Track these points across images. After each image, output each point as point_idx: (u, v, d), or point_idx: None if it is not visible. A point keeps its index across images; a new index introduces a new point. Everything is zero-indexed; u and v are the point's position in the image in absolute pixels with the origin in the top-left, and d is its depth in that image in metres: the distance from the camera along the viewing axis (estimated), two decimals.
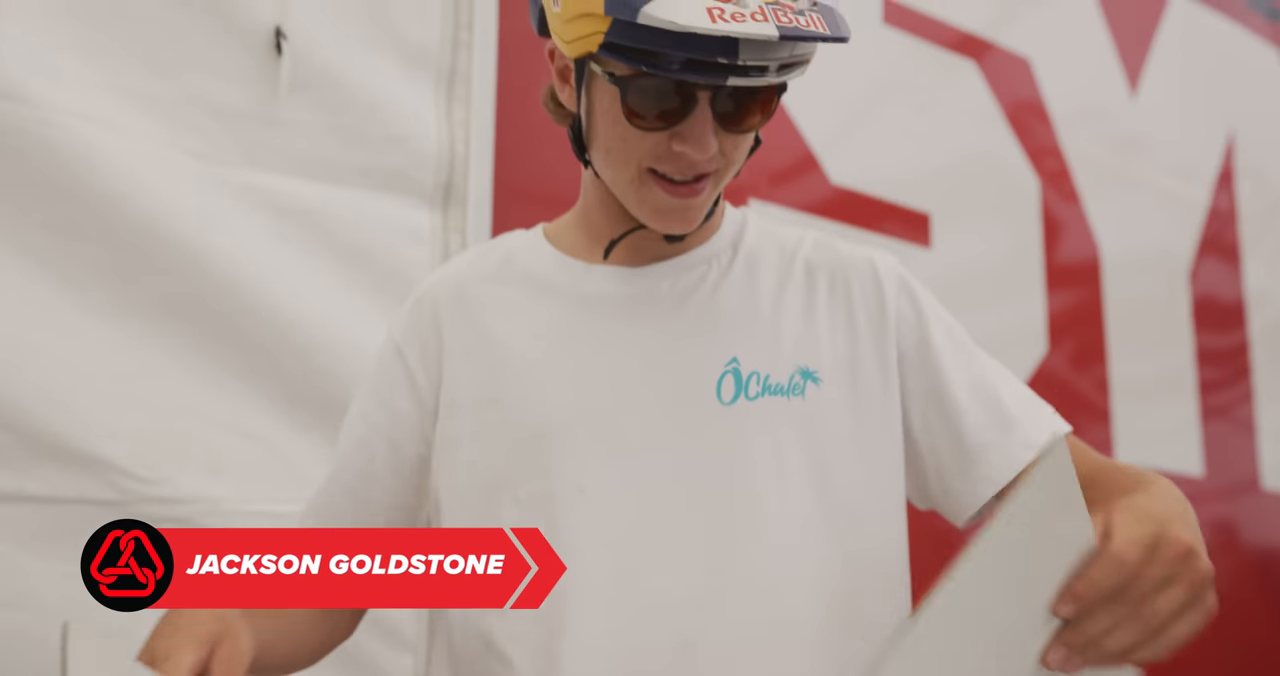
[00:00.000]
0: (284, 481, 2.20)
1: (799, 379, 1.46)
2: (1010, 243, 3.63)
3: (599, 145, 1.43)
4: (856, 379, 1.49)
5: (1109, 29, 4.02)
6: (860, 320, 1.51)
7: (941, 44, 3.50)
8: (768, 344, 1.47)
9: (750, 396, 1.44)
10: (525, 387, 1.48)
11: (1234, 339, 4.27)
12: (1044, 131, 3.76)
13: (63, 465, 2.00)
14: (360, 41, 2.39)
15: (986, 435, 1.49)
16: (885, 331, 1.51)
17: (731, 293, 1.51)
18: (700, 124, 1.36)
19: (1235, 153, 4.40)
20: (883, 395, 1.50)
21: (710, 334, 1.48)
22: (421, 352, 1.54)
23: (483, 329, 1.52)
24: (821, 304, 1.51)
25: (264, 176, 2.26)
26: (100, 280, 2.07)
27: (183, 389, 2.14)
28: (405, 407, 1.55)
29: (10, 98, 1.99)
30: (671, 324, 1.49)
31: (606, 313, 1.50)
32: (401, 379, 1.55)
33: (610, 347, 1.48)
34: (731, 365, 1.46)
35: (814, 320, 1.50)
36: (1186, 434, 4.03)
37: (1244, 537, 4.17)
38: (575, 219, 1.58)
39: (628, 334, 1.49)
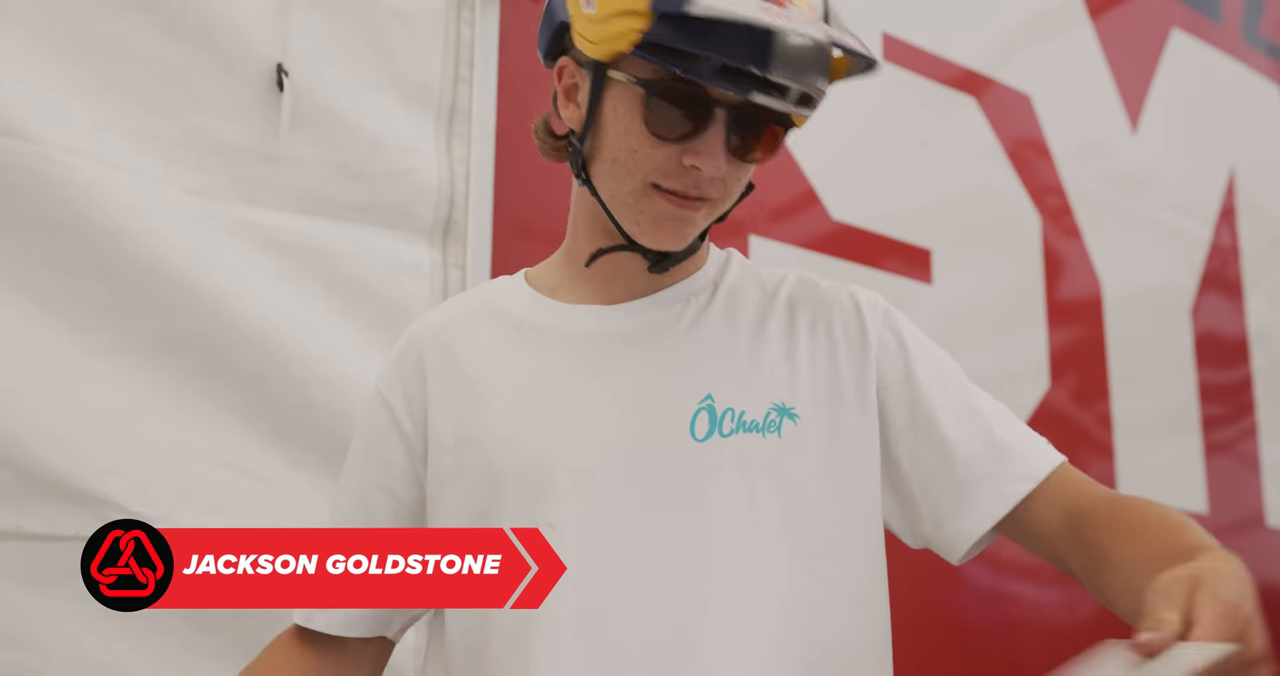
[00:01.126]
0: (282, 518, 2.19)
1: (775, 416, 1.46)
2: (1012, 278, 3.64)
3: (605, 156, 1.44)
4: (836, 416, 1.49)
5: (1109, 65, 4.04)
6: (841, 354, 1.51)
7: (942, 80, 3.52)
8: (744, 380, 1.48)
9: (724, 433, 1.44)
10: (502, 426, 1.49)
11: (1237, 375, 4.27)
12: (1045, 168, 3.77)
13: (61, 502, 2.00)
14: (361, 78, 2.40)
15: (981, 466, 1.48)
16: (866, 364, 1.51)
17: (710, 328, 1.52)
18: (714, 140, 1.37)
19: (1237, 189, 4.41)
20: (862, 431, 1.50)
21: (685, 369, 1.48)
22: (406, 401, 1.56)
23: (462, 371, 1.54)
24: (803, 340, 1.51)
25: (263, 213, 2.26)
26: (99, 317, 2.07)
27: (181, 425, 2.14)
28: (396, 456, 1.58)
29: (11, 135, 1.99)
30: (647, 359, 1.50)
31: (582, 350, 1.51)
32: (389, 429, 1.57)
33: (585, 385, 1.49)
34: (706, 402, 1.46)
35: (794, 357, 1.50)
36: (1190, 470, 4.02)
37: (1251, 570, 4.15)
38: (558, 258, 1.60)
39: (602, 371, 1.50)
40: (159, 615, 2.06)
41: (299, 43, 2.31)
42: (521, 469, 1.46)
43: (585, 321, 1.52)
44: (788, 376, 1.49)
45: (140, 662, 2.04)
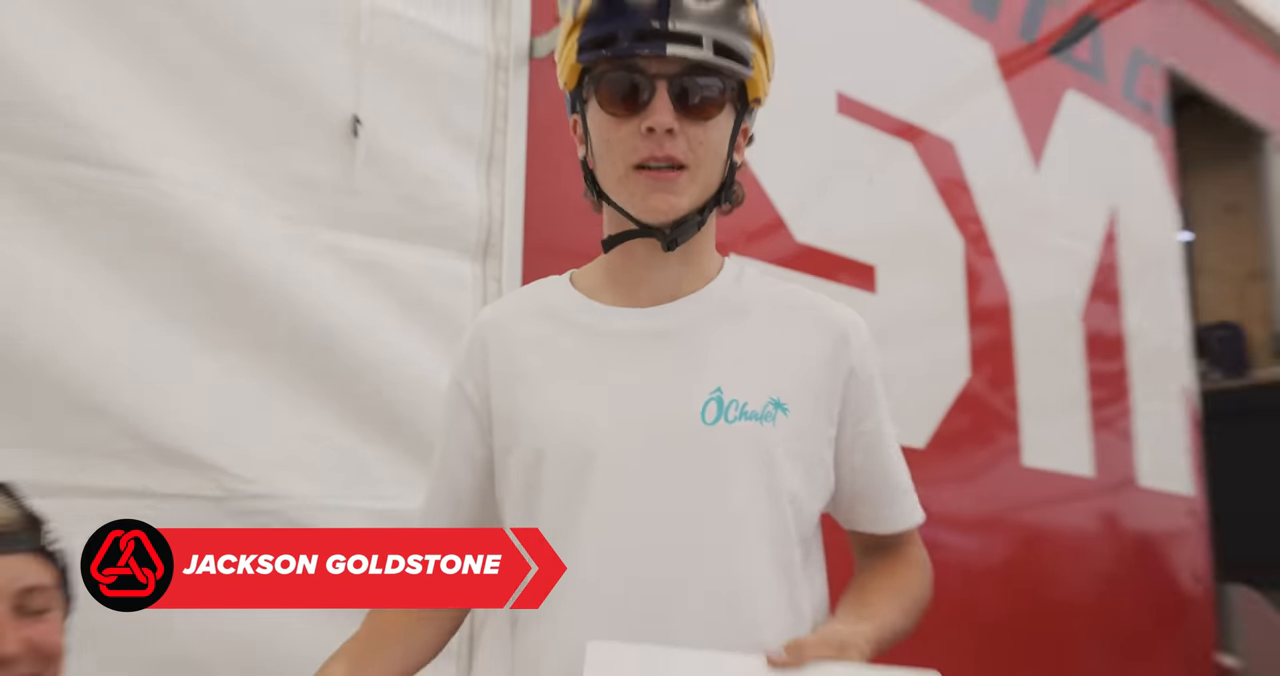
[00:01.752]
0: (355, 482, 2.21)
1: (771, 408, 1.46)
2: (939, 289, 3.64)
3: (598, 161, 1.45)
4: (810, 415, 1.49)
5: (1017, 119, 4.05)
6: (823, 368, 1.50)
7: (885, 130, 3.52)
8: (749, 377, 1.47)
9: (730, 420, 1.44)
10: (545, 406, 1.49)
11: (1116, 366, 4.28)
12: (966, 201, 3.78)
13: (178, 468, 2.00)
14: (419, 128, 2.40)
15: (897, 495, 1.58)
16: (836, 382, 1.51)
17: (722, 331, 1.50)
18: (661, 105, 1.38)
19: (1118, 219, 4.42)
20: (824, 429, 1.51)
21: (699, 366, 1.47)
22: (474, 384, 1.55)
23: (517, 359, 1.53)
24: (795, 348, 1.50)
25: (340, 236, 2.26)
26: (210, 323, 2.07)
27: (274, 407, 2.14)
28: (469, 427, 1.56)
29: (138, 172, 2.00)
30: (668, 356, 1.49)
31: (616, 345, 1.50)
32: (464, 406, 1.56)
33: (615, 374, 1.48)
34: (716, 393, 1.45)
35: (788, 360, 1.50)
36: (1080, 442, 4.04)
37: (1124, 525, 4.18)
38: (596, 265, 1.58)
39: (631, 363, 1.48)
40: None
41: (370, 99, 2.31)
42: (563, 442, 1.46)
43: (619, 322, 1.51)
44: (782, 376, 1.48)
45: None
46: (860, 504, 1.58)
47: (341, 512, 2.17)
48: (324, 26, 2.28)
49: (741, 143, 1.48)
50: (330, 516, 2.15)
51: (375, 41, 2.34)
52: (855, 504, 1.58)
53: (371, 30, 2.34)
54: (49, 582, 1.43)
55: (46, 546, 1.45)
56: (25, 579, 1.40)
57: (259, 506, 2.08)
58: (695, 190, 1.44)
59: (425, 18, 2.44)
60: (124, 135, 2.00)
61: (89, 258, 1.96)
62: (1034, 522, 3.82)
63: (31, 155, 1.91)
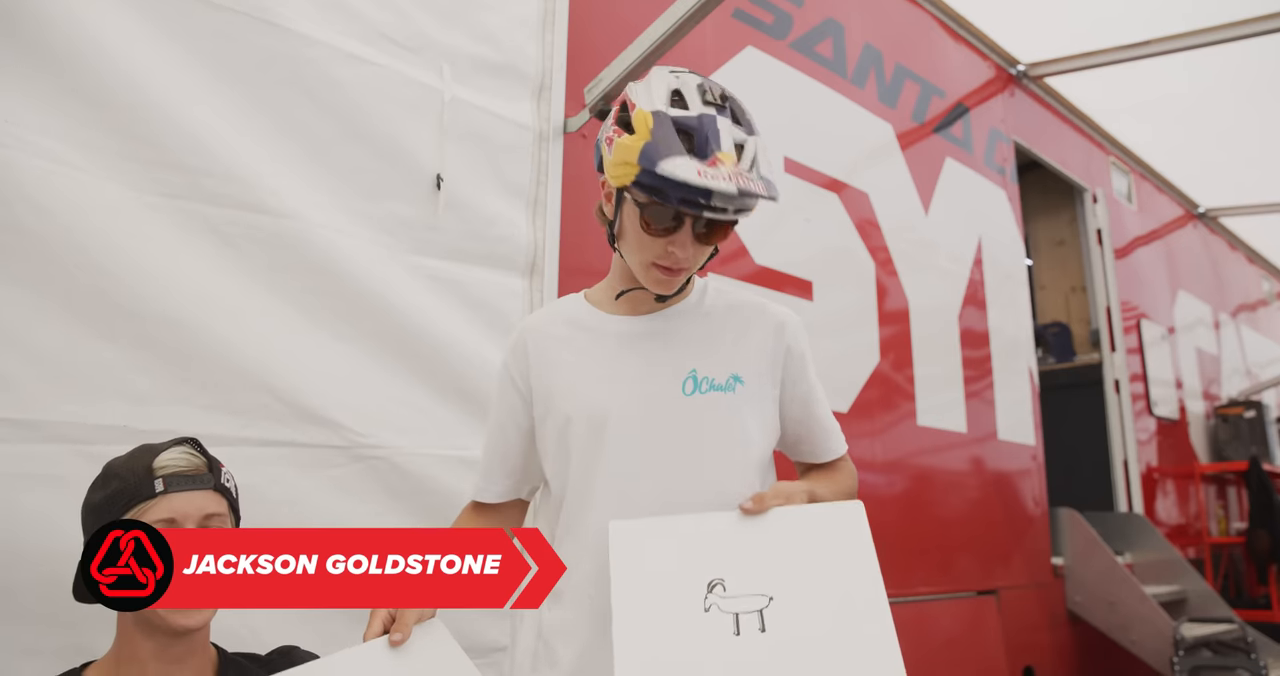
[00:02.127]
0: (434, 436, 2.19)
1: (732, 381, 1.47)
2: (858, 298, 3.62)
3: (625, 239, 1.44)
4: (760, 383, 1.50)
5: (911, 177, 4.03)
6: (768, 349, 1.52)
7: (818, 184, 3.50)
8: (715, 360, 1.48)
9: (703, 391, 1.46)
10: (570, 385, 1.49)
11: (982, 354, 4.26)
12: (877, 235, 3.75)
13: (312, 424, 1.99)
14: (484, 182, 2.38)
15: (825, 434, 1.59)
16: (778, 358, 1.52)
17: (695, 330, 1.51)
18: (684, 237, 1.38)
19: (983, 248, 4.40)
20: (770, 392, 1.52)
21: (679, 355, 1.49)
22: (519, 370, 1.55)
23: (548, 352, 1.53)
24: (749, 337, 1.52)
25: (426, 260, 2.25)
26: (338, 321, 2.06)
27: (381, 381, 2.12)
28: (515, 402, 1.55)
29: (287, 216, 1.99)
30: (656, 349, 1.50)
31: (617, 342, 1.51)
32: (511, 388, 1.56)
33: (619, 362, 1.49)
34: (692, 373, 1.47)
35: (743, 345, 1.51)
36: (957, 408, 4.02)
37: (987, 466, 4.17)
38: (604, 284, 1.58)
39: (629, 355, 1.50)
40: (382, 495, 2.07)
41: (448, 162, 2.30)
42: (583, 410, 1.47)
43: (620, 326, 1.52)
44: (740, 358, 1.50)
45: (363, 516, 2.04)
46: (801, 442, 1.60)
47: (426, 457, 2.15)
48: (417, 111, 2.27)
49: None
50: (419, 460, 2.14)
51: (453, 121, 2.32)
52: (798, 443, 1.60)
53: (451, 113, 2.32)
54: (224, 511, 1.42)
55: (223, 483, 1.43)
56: (208, 508, 1.39)
57: (371, 453, 2.07)
58: (688, 277, 1.47)
59: (488, 103, 2.42)
60: (278, 190, 1.99)
61: (254, 277, 1.95)
62: (924, 465, 3.81)
63: (215, 205, 1.90)
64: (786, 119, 3.42)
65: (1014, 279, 4.62)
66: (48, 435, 1.65)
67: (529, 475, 1.59)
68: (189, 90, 1.88)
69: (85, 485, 1.41)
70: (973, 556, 3.98)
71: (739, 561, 1.28)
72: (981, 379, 4.22)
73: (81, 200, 1.72)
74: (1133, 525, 5.10)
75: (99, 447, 1.63)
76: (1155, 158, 6.27)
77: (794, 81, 3.49)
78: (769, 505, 1.33)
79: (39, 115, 1.70)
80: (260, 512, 1.62)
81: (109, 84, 1.77)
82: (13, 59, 1.68)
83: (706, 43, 3.07)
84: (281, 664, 1.45)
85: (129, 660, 1.35)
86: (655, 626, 1.23)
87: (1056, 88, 5.28)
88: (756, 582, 1.26)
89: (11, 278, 1.65)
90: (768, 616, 1.23)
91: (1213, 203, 7.09)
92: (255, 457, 1.84)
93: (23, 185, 1.66)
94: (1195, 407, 6.39)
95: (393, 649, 1.24)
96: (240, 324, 1.90)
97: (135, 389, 1.76)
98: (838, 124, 3.69)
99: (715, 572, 1.27)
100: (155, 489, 1.34)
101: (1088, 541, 4.55)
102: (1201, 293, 6.87)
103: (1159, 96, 5.25)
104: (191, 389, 1.83)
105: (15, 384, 1.63)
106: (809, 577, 1.26)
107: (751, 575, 1.27)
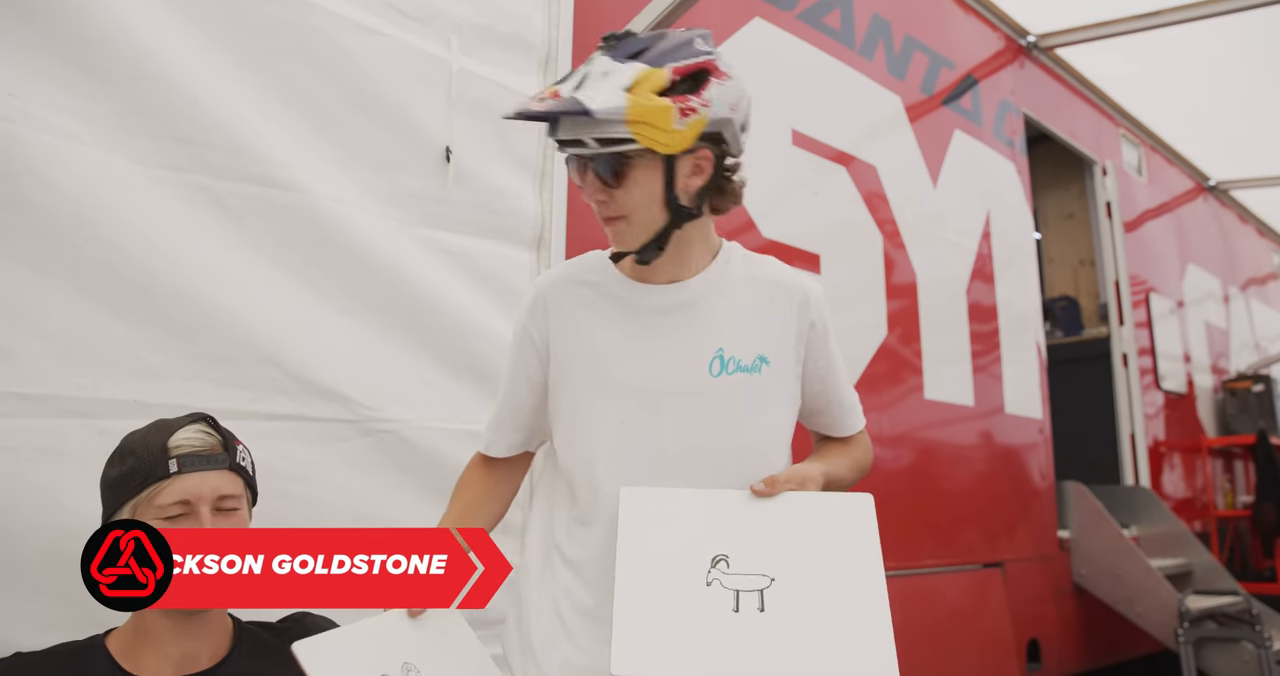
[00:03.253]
0: (443, 409, 2.19)
1: (758, 362, 1.45)
2: (866, 271, 3.60)
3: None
4: (784, 361, 1.48)
5: (920, 150, 4.00)
6: (792, 325, 1.49)
7: (826, 157, 3.47)
8: (742, 339, 1.45)
9: (730, 372, 1.43)
10: (588, 351, 1.47)
11: (990, 328, 4.25)
12: (885, 208, 3.73)
13: (320, 398, 1.99)
14: (492, 154, 2.36)
15: (844, 410, 1.58)
16: (802, 333, 1.50)
17: (722, 305, 1.47)
18: (590, 183, 1.37)
19: (991, 221, 4.38)
20: (794, 369, 1.50)
21: (707, 331, 1.45)
22: (536, 327, 1.52)
23: (568, 313, 1.51)
24: (774, 313, 1.49)
25: (436, 233, 2.23)
26: (345, 294, 2.05)
27: (389, 354, 2.12)
28: (531, 358, 1.53)
29: (294, 189, 1.98)
30: (683, 324, 1.46)
31: (644, 315, 1.48)
32: (529, 344, 1.53)
33: (642, 338, 1.46)
34: (719, 352, 1.44)
35: (769, 322, 1.48)
36: (964, 382, 4.02)
37: (994, 440, 4.17)
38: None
39: (654, 330, 1.46)
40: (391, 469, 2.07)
41: (457, 135, 2.28)
42: (601, 384, 1.45)
43: (645, 297, 1.48)
44: (766, 336, 1.47)
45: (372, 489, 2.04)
46: (818, 416, 1.58)
47: (435, 431, 2.15)
48: (426, 84, 2.25)
49: (692, 182, 1.39)
50: (428, 433, 2.14)
51: (462, 94, 2.31)
52: (816, 416, 1.59)
53: (459, 86, 2.30)
54: (239, 491, 1.42)
55: (238, 462, 1.43)
56: (223, 489, 1.39)
57: (380, 427, 2.07)
58: (636, 231, 1.40)
59: (495, 75, 2.40)
60: (285, 163, 1.97)
61: (261, 251, 1.94)
62: (931, 439, 3.81)
63: (220, 178, 1.89)
64: (794, 91, 3.39)
65: (1022, 252, 4.59)
66: (58, 410, 1.65)
67: (538, 431, 1.58)
68: (194, 62, 1.86)
69: (96, 459, 1.41)
70: (979, 529, 3.99)
71: (745, 540, 1.28)
72: (989, 352, 4.21)
73: (88, 175, 1.71)
74: (1139, 498, 5.10)
75: (109, 422, 1.64)
76: (1166, 130, 6.21)
77: (801, 53, 3.45)
78: (781, 489, 1.33)
79: (44, 89, 1.68)
80: (270, 487, 1.61)
81: (114, 57, 1.75)
82: (17, 33, 1.66)
83: (713, 14, 3.04)
84: (296, 631, 1.45)
85: (145, 633, 1.36)
86: (656, 594, 1.25)
87: (1067, 59, 5.22)
88: (760, 563, 1.27)
89: (19, 253, 1.64)
90: (768, 597, 1.24)
91: (1224, 175, 7.03)
92: (265, 432, 1.84)
93: (30, 160, 1.64)
94: (1203, 381, 6.38)
95: (410, 620, 1.27)
96: (248, 298, 1.90)
97: (145, 363, 1.75)
98: (846, 96, 3.66)
99: (721, 548, 1.28)
100: (169, 469, 1.34)
101: (1094, 514, 4.56)
102: (1211, 266, 6.84)
103: (1171, 67, 5.19)
104: (201, 363, 1.82)
105: (24, 358, 1.63)
106: (813, 564, 1.27)
107: (756, 555, 1.27)
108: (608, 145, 1.30)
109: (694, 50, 1.35)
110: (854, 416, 1.60)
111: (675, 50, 1.33)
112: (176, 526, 1.33)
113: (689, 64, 1.33)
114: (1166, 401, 5.75)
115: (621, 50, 1.33)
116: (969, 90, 4.39)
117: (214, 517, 1.36)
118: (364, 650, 1.22)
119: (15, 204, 1.63)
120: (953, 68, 4.29)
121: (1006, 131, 4.64)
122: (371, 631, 1.25)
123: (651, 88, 1.29)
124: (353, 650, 1.23)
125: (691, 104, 1.31)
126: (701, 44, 1.37)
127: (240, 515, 1.42)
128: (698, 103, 1.32)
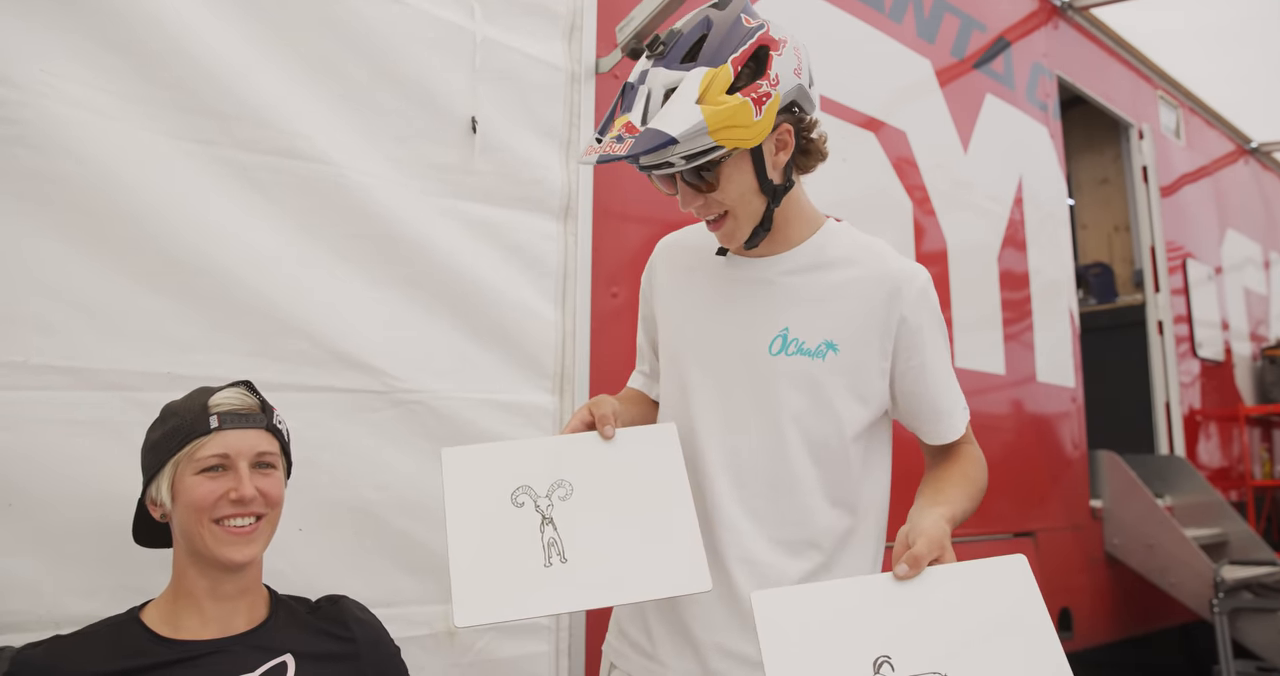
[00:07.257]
0: (472, 380, 2.20)
1: (824, 347, 1.41)
2: (895, 239, 3.56)
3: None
4: (860, 351, 1.43)
5: (950, 115, 3.95)
6: (879, 316, 1.43)
7: (855, 122, 3.45)
8: (812, 322, 1.43)
9: (789, 353, 1.42)
10: (673, 314, 1.55)
11: (1022, 295, 4.21)
12: (914, 174, 3.70)
13: (349, 369, 2.00)
14: (518, 124, 2.36)
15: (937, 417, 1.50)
16: (890, 326, 1.43)
17: (804, 285, 1.45)
18: (684, 192, 1.38)
19: (1023, 186, 4.33)
20: (877, 362, 1.44)
21: (778, 309, 1.45)
22: (650, 286, 1.61)
23: (672, 278, 1.58)
24: (858, 301, 1.43)
25: (462, 203, 2.24)
26: (373, 264, 2.06)
27: (418, 325, 2.13)
28: (647, 312, 1.63)
29: (321, 161, 1.99)
30: (760, 299, 1.47)
31: (728, 285, 1.49)
32: (645, 298, 1.64)
33: (718, 309, 1.49)
34: (784, 332, 1.43)
35: (849, 310, 1.43)
36: (995, 350, 4.00)
37: (1026, 409, 4.15)
38: None
39: (731, 302, 1.48)
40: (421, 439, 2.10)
41: (483, 105, 2.28)
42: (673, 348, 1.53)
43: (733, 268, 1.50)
44: (839, 323, 1.43)
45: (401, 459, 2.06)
46: (913, 420, 1.51)
47: (464, 401, 2.17)
48: (450, 54, 2.24)
49: (779, 159, 1.39)
50: (457, 404, 2.15)
51: (486, 64, 2.30)
52: (910, 420, 1.52)
53: (483, 55, 2.29)
54: (276, 450, 1.48)
55: (275, 424, 1.49)
56: (260, 446, 1.45)
57: (410, 398, 2.09)
58: (743, 224, 1.41)
59: (521, 44, 2.39)
60: (311, 135, 1.98)
61: (287, 223, 1.95)
62: None
63: (247, 150, 1.90)
64: (822, 56, 3.31)
65: (1055, 218, 4.54)
66: (97, 383, 1.69)
67: (657, 380, 1.64)
68: (219, 36, 1.87)
69: (134, 430, 1.45)
70: (1010, 498, 3.98)
71: (904, 634, 1.16)
72: (1021, 320, 4.18)
73: (119, 149, 1.73)
74: (1173, 467, 5.07)
75: (147, 394, 1.67)
76: (1206, 90, 6.08)
77: (829, 17, 3.41)
78: (924, 566, 1.20)
79: (75, 65, 1.70)
80: (301, 457, 1.65)
81: (141, 32, 1.76)
82: (47, 10, 1.68)
83: None
84: (330, 611, 1.51)
85: (185, 596, 1.41)
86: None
87: (1103, 18, 5.13)
88: (927, 658, 1.15)
89: (55, 228, 1.67)
90: None
91: (1266, 137, 6.89)
92: (296, 403, 1.87)
93: (64, 136, 1.67)
94: (1241, 349, 6.30)
95: (608, 442, 1.40)
96: (277, 270, 1.92)
97: (178, 336, 1.79)
98: (875, 60, 3.61)
99: (880, 648, 1.15)
100: (210, 425, 1.40)
101: (1127, 483, 4.54)
102: (1251, 231, 6.73)
103: (1211, 25, 5.10)
104: (233, 336, 1.85)
105: (63, 332, 1.67)
106: (984, 649, 1.15)
107: (921, 650, 1.15)
108: (696, 159, 1.29)
109: (744, 30, 1.31)
110: (947, 422, 1.49)
111: (727, 38, 1.30)
112: (215, 481, 1.39)
113: (745, 49, 1.30)
114: (1203, 369, 5.69)
115: (673, 55, 1.30)
116: (1001, 53, 4.32)
117: (252, 474, 1.42)
118: (508, 465, 1.36)
119: (52, 179, 1.66)
120: (984, 30, 4.23)
121: (1039, 95, 4.58)
122: (526, 448, 1.40)
123: (720, 89, 1.27)
124: (498, 463, 1.36)
125: (763, 90, 1.29)
126: (747, 18, 1.33)
127: (277, 475, 1.48)
128: (768, 86, 1.30)
